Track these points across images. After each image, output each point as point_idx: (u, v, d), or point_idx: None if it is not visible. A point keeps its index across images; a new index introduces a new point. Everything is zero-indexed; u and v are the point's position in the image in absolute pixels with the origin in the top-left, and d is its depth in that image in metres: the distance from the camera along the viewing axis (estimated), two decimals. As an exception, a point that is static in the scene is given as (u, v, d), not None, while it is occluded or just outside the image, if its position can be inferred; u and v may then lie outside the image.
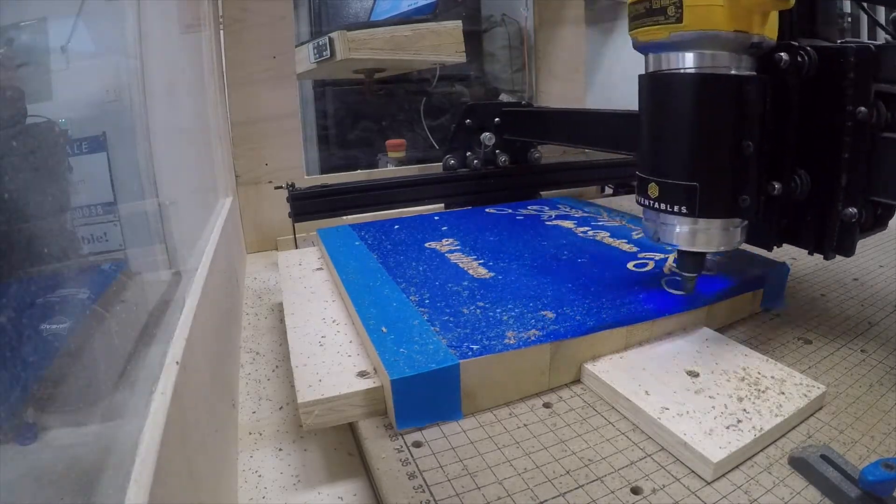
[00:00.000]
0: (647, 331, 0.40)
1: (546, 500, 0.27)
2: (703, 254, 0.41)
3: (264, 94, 0.77)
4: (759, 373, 0.36)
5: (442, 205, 0.82)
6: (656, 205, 0.40)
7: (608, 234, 0.59)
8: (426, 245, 0.57)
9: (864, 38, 1.13)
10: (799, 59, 0.37)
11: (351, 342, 0.40)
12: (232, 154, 0.77)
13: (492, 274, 0.48)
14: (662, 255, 0.51)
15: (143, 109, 0.43)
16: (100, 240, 0.37)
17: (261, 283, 0.68)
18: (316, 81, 1.68)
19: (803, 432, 0.32)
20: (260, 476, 0.33)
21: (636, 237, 0.57)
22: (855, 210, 0.38)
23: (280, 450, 0.36)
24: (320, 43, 0.95)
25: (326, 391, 0.33)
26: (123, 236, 0.38)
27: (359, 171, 0.92)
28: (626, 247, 0.54)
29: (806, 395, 0.33)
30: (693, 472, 0.29)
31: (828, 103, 0.37)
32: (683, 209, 0.39)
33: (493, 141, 0.84)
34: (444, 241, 0.58)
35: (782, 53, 0.37)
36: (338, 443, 0.36)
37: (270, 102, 0.78)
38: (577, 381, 0.38)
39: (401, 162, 1.33)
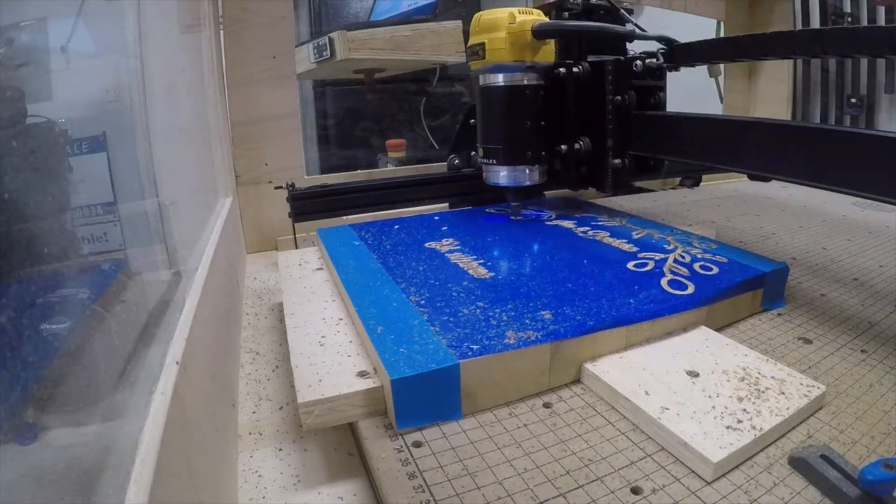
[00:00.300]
0: (647, 331, 0.40)
1: (546, 500, 0.27)
2: (520, 189, 0.66)
3: (264, 95, 0.77)
4: (759, 373, 0.36)
5: (446, 204, 0.82)
6: (484, 160, 0.67)
7: (608, 234, 0.59)
8: (426, 245, 0.57)
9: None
10: (575, 70, 0.63)
11: (351, 342, 0.40)
12: (232, 154, 0.77)
13: (492, 274, 0.48)
14: (662, 255, 0.51)
15: (144, 109, 0.43)
16: (100, 240, 0.37)
17: (261, 283, 0.68)
18: (316, 81, 1.68)
19: (803, 432, 0.32)
20: (260, 476, 0.33)
21: (636, 237, 0.57)
22: (619, 161, 0.63)
23: (280, 450, 0.36)
24: (320, 43, 0.95)
25: (326, 391, 0.33)
26: (123, 236, 0.38)
27: (359, 171, 0.92)
28: (626, 247, 0.54)
29: (806, 395, 0.33)
30: (693, 472, 0.29)
31: (598, 95, 0.63)
32: (494, 161, 0.66)
33: None
34: (444, 241, 0.58)
35: (561, 69, 0.64)
36: (338, 443, 0.36)
37: (270, 102, 0.78)
38: (577, 381, 0.38)
39: (401, 162, 1.33)
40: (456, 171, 0.84)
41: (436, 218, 0.68)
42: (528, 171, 0.65)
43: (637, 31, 0.64)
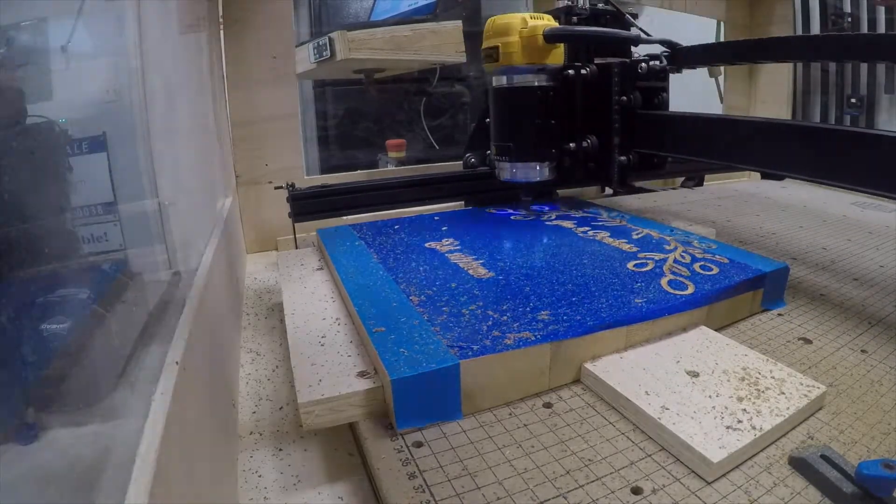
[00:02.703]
0: (647, 331, 0.40)
1: (546, 500, 0.27)
2: (532, 186, 0.70)
3: (264, 95, 0.77)
4: (759, 373, 0.36)
5: (461, 202, 0.83)
6: (497, 157, 0.70)
7: (608, 234, 0.59)
8: (426, 245, 0.57)
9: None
10: (583, 72, 0.67)
11: (351, 342, 0.40)
12: (232, 154, 0.77)
13: (492, 274, 0.48)
14: (662, 255, 0.51)
15: (144, 109, 0.43)
16: (100, 240, 0.37)
17: (261, 283, 0.68)
18: (316, 81, 1.68)
19: (803, 432, 0.32)
20: (260, 476, 0.33)
21: (636, 237, 0.57)
22: (625, 158, 0.67)
23: (280, 450, 0.36)
24: (320, 43, 0.95)
25: (326, 391, 0.33)
26: (123, 236, 0.38)
27: (359, 171, 0.92)
28: (626, 247, 0.54)
29: (806, 395, 0.33)
30: (693, 472, 0.29)
31: (604, 95, 0.66)
32: (506, 158, 0.69)
33: None
34: (444, 241, 0.58)
35: (569, 71, 0.67)
36: (338, 443, 0.36)
37: (270, 103, 0.78)
38: (577, 381, 0.38)
39: (401, 162, 1.33)
40: (472, 170, 0.86)
41: (436, 218, 0.68)
42: (538, 168, 0.69)
43: (642, 35, 0.67)
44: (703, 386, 0.35)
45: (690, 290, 0.43)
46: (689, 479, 0.29)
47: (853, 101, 1.16)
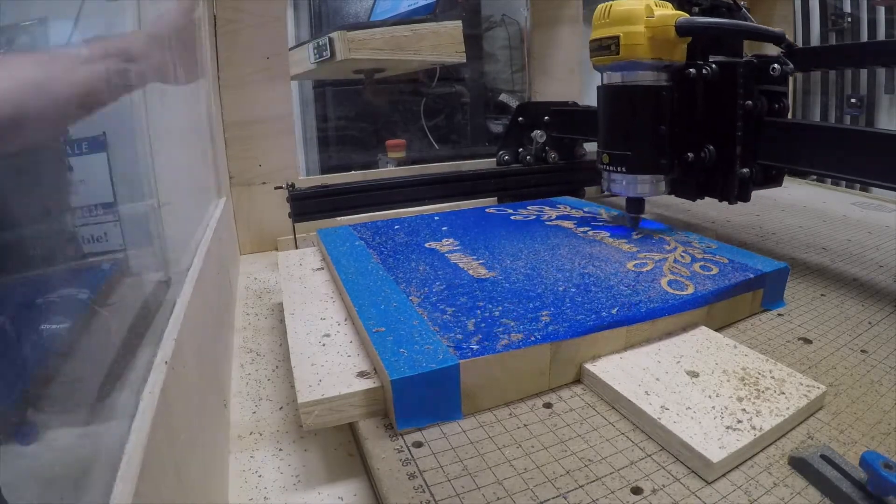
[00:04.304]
0: (647, 331, 0.40)
1: (546, 500, 0.27)
2: (641, 199, 0.60)
3: (258, 95, 0.77)
4: (759, 373, 0.36)
5: (496, 198, 0.87)
6: (608, 167, 0.60)
7: (608, 234, 0.59)
8: (426, 245, 0.57)
9: (864, 37, 1.13)
10: (704, 71, 0.56)
11: (351, 342, 0.40)
12: (226, 155, 0.76)
13: (492, 274, 0.48)
14: (662, 255, 0.51)
15: (144, 109, 0.43)
16: (100, 240, 0.37)
17: (261, 283, 0.68)
18: (316, 82, 1.68)
19: (803, 432, 0.32)
20: (260, 476, 0.33)
21: (636, 237, 0.57)
22: (747, 170, 0.57)
23: (280, 450, 0.36)
24: (320, 43, 0.95)
25: (326, 391, 0.33)
26: (123, 236, 0.38)
27: (356, 171, 0.92)
28: (626, 247, 0.54)
29: (806, 395, 0.33)
30: (693, 472, 0.29)
31: (726, 99, 0.57)
32: (622, 169, 0.59)
33: (544, 138, 0.89)
34: (444, 241, 0.58)
35: (691, 69, 0.57)
36: (338, 443, 0.36)
37: (264, 103, 0.77)
38: (577, 381, 0.38)
39: (401, 162, 1.33)
40: (506, 166, 0.90)
41: (436, 218, 0.68)
42: (659, 182, 0.60)
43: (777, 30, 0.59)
44: (703, 386, 0.35)
45: (690, 290, 0.43)
46: (689, 479, 0.29)
47: (853, 101, 1.16)
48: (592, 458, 0.30)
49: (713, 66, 0.56)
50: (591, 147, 0.94)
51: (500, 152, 0.91)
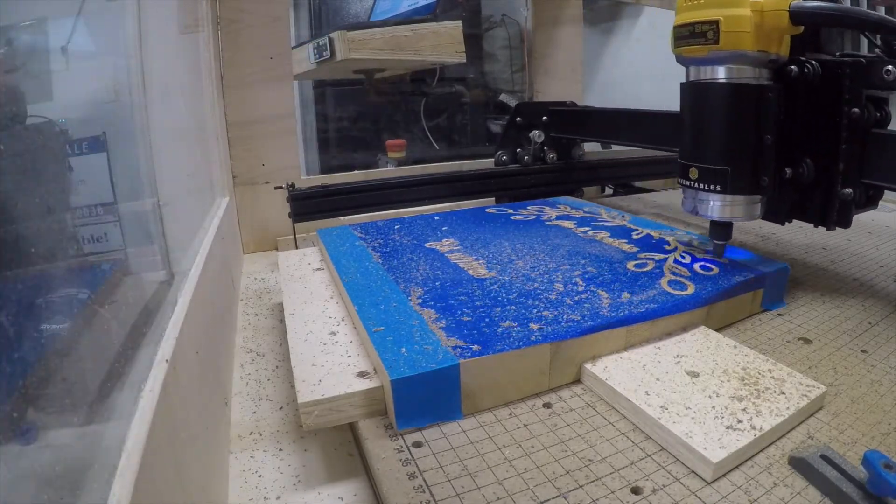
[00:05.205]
0: (647, 331, 0.40)
1: (546, 500, 0.27)
2: (730, 224, 0.50)
3: (261, 95, 0.77)
4: (759, 373, 0.36)
5: (493, 199, 0.87)
6: (696, 185, 0.49)
7: (608, 234, 0.59)
8: (427, 245, 0.57)
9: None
10: (805, 70, 0.46)
11: (351, 342, 0.40)
12: (229, 154, 0.77)
13: (492, 274, 0.48)
14: (662, 255, 0.51)
15: (144, 109, 0.43)
16: (100, 240, 0.37)
17: (261, 283, 0.68)
18: (316, 82, 1.68)
19: (803, 432, 0.32)
20: (260, 476, 0.33)
21: (636, 237, 0.57)
22: (851, 190, 0.47)
23: (280, 450, 0.36)
24: (320, 43, 0.95)
25: (326, 391, 0.33)
26: (123, 236, 0.38)
27: (357, 171, 0.92)
28: (626, 247, 0.54)
29: (806, 395, 0.33)
30: (693, 472, 0.29)
31: (829, 105, 0.46)
32: (717, 187, 0.48)
33: (542, 138, 0.89)
34: (444, 241, 0.58)
35: (793, 66, 0.46)
36: (338, 443, 0.37)
37: (267, 103, 0.78)
38: (577, 381, 0.38)
39: (401, 162, 1.33)
40: (504, 167, 0.90)
41: (436, 218, 0.68)
42: (755, 204, 0.49)
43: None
44: (703, 386, 0.35)
45: (690, 290, 0.43)
46: (689, 479, 0.29)
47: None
48: (592, 458, 0.30)
49: (815, 63, 0.46)
50: (589, 147, 0.94)
51: (499, 152, 0.91)
